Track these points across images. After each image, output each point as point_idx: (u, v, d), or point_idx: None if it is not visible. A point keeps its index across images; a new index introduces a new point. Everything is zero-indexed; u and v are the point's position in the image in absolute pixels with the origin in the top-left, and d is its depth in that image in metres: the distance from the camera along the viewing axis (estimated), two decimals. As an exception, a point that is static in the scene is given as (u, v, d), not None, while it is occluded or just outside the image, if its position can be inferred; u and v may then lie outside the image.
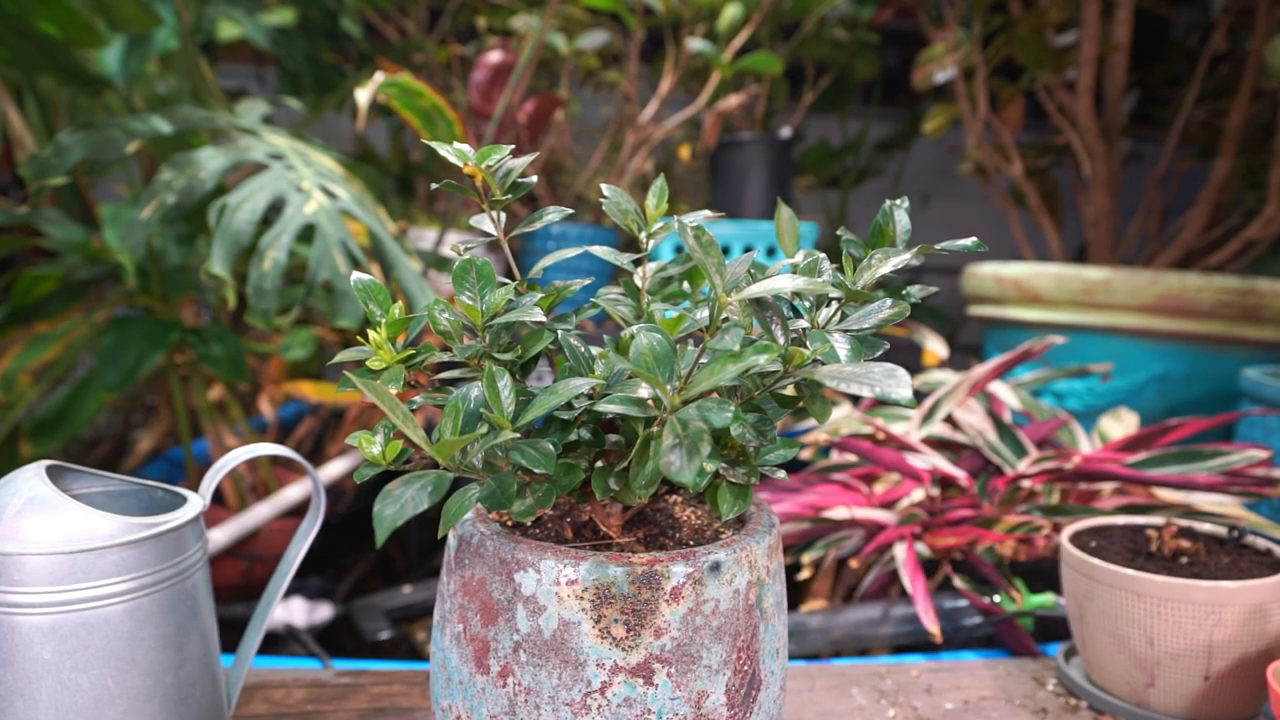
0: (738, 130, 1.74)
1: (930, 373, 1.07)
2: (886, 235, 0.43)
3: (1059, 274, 1.32)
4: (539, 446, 0.37)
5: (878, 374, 0.34)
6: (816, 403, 0.39)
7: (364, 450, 0.38)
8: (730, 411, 0.33)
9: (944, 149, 2.34)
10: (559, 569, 0.38)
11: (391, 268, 0.95)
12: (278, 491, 1.08)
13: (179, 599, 0.47)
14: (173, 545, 0.47)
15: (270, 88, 1.77)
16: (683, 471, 0.32)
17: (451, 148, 0.42)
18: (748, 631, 0.40)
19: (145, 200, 0.86)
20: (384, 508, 0.34)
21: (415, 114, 1.20)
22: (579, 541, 0.43)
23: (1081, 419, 1.25)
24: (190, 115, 0.97)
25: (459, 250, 0.44)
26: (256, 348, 1.30)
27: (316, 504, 0.54)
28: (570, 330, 0.43)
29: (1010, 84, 1.68)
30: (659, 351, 0.36)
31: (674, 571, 0.38)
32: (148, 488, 0.52)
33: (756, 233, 1.30)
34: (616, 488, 0.41)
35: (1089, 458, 0.84)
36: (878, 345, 0.40)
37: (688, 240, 0.36)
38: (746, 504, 0.41)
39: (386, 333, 0.41)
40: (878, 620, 0.75)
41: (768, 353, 0.32)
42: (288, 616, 0.91)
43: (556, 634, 0.38)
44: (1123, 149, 1.71)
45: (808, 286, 0.35)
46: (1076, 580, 0.62)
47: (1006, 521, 0.78)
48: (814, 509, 0.83)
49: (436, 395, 0.42)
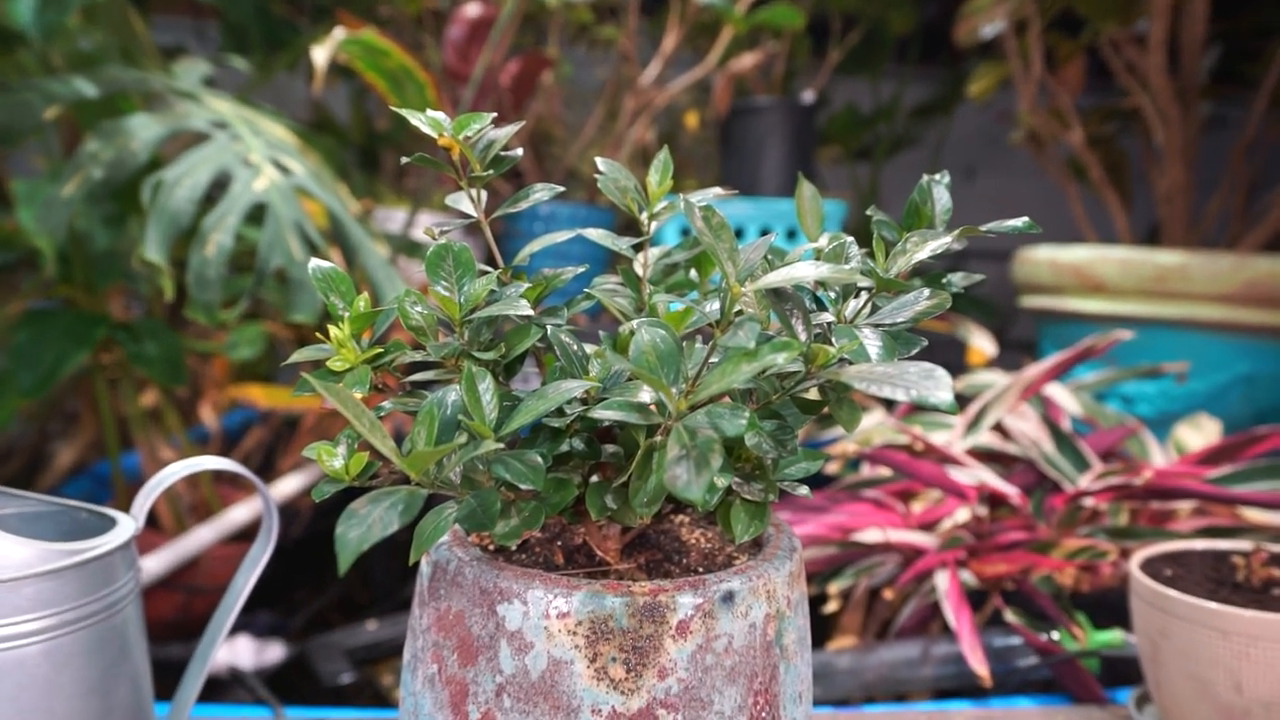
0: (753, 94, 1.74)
1: (976, 373, 1.07)
2: (924, 215, 0.43)
3: (1126, 258, 1.32)
4: (525, 459, 0.38)
5: (914, 375, 0.34)
6: (844, 408, 0.40)
7: (323, 464, 0.38)
8: (744, 418, 0.33)
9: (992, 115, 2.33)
10: (549, 600, 0.38)
11: (355, 253, 0.95)
12: (222, 512, 1.08)
13: (106, 638, 0.47)
14: (99, 575, 0.47)
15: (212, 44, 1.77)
16: (690, 487, 0.32)
17: (424, 115, 0.43)
18: (766, 672, 0.40)
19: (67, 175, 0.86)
20: (347, 530, 0.35)
21: (381, 76, 1.21)
22: (571, 568, 0.44)
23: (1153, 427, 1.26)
24: (119, 76, 0.97)
25: (433, 233, 0.44)
26: (197, 346, 1.30)
27: (268, 527, 0.55)
28: (561, 325, 0.43)
29: (1069, 38, 1.68)
30: (663, 350, 0.36)
31: (680, 603, 0.38)
32: (70, 508, 0.53)
33: (774, 213, 1.30)
34: (614, 506, 0.41)
35: (1162, 472, 0.84)
36: (914, 342, 0.40)
37: (695, 222, 0.36)
38: (764, 525, 0.41)
39: (350, 328, 0.41)
40: (917, 660, 0.75)
41: (787, 351, 0.33)
42: (233, 658, 0.91)
43: (546, 675, 0.38)
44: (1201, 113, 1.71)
45: (833, 275, 0.35)
46: (1149, 615, 0.62)
47: (1066, 546, 0.78)
48: (842, 531, 0.83)
49: (408, 400, 0.42)
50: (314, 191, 0.94)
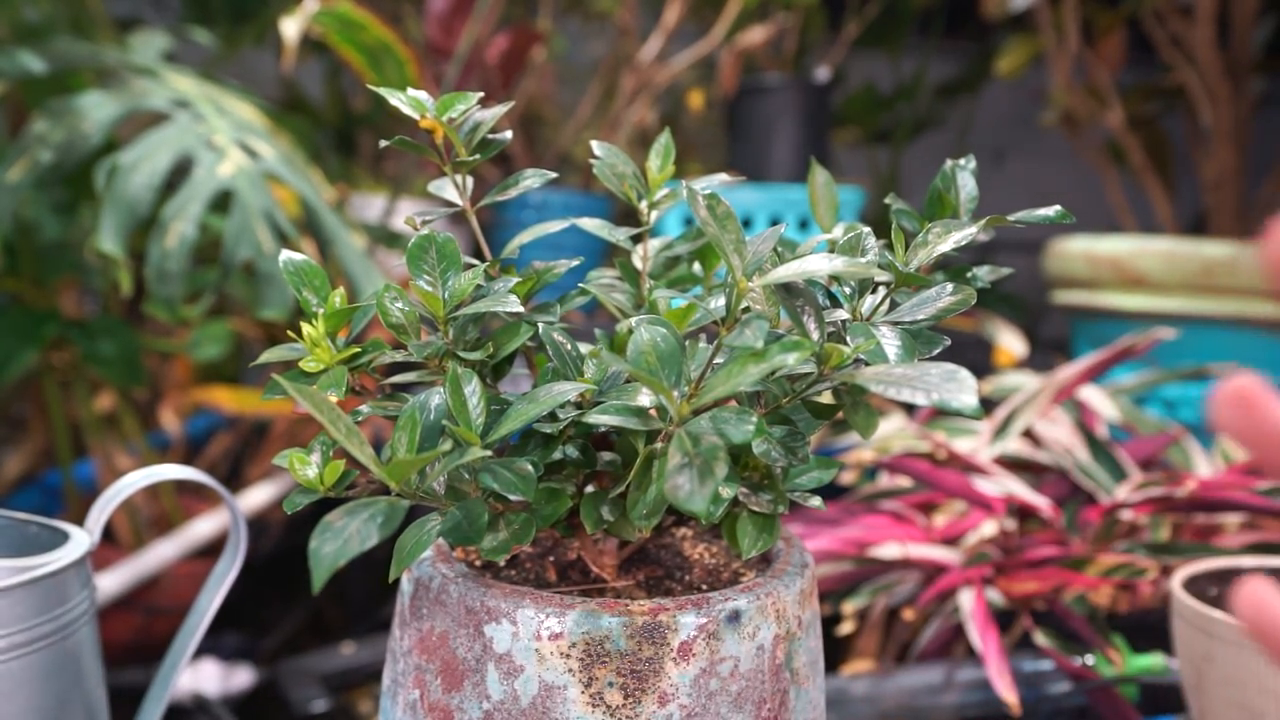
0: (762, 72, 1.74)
1: (1004, 375, 1.07)
2: (948, 203, 0.43)
3: (1170, 250, 1.32)
4: (515, 467, 0.38)
5: (936, 377, 0.34)
6: (860, 413, 0.40)
7: (296, 473, 0.39)
8: (752, 424, 0.34)
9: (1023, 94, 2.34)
10: (540, 620, 0.38)
11: (329, 244, 0.95)
12: (185, 526, 1.09)
13: (58, 662, 0.48)
14: (51, 594, 0.47)
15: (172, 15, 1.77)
16: (693, 498, 0.32)
17: (404, 95, 0.43)
18: (775, 699, 0.40)
19: (12, 158, 0.86)
20: (322, 544, 0.35)
21: (357, 51, 1.21)
22: (565, 586, 0.44)
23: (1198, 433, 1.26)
24: (70, 50, 0.97)
25: (415, 223, 0.45)
26: (157, 345, 1.30)
27: (235, 541, 0.55)
28: (554, 323, 0.44)
29: (1108, 9, 1.69)
30: (663, 349, 0.36)
31: (682, 623, 0.38)
32: (17, 522, 0.53)
33: (785, 201, 1.30)
34: (611, 518, 0.41)
35: (1208, 482, 0.84)
36: (936, 341, 0.40)
37: (699, 211, 0.36)
38: (773, 539, 0.41)
39: (324, 326, 0.41)
40: (939, 686, 0.75)
41: (798, 350, 0.33)
42: (197, 683, 0.91)
43: (537, 701, 0.38)
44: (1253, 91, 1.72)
45: (848, 268, 0.36)
46: (1193, 637, 0.63)
47: (1101, 562, 0.78)
48: (858, 545, 0.83)
49: (387, 404, 0.43)
50: (285, 177, 0.95)
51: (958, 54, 2.34)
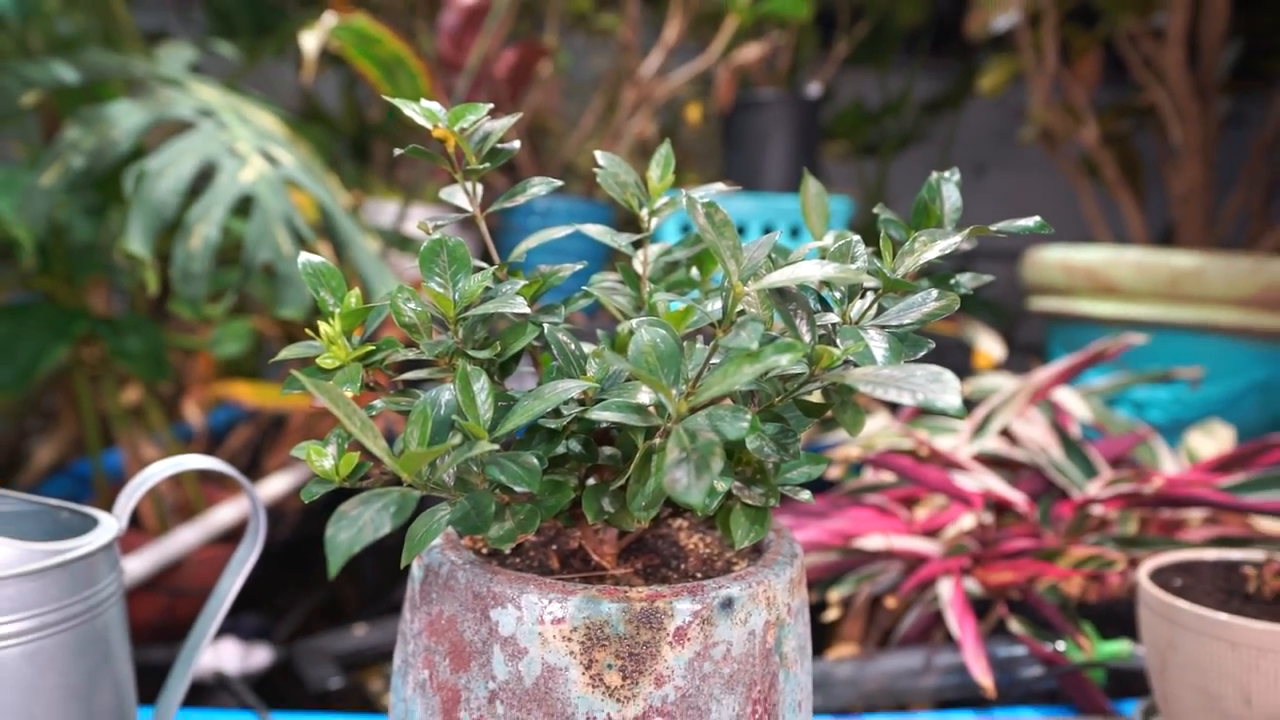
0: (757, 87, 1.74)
1: (983, 377, 1.07)
2: (933, 214, 0.43)
3: (1140, 260, 1.32)
4: (521, 460, 0.38)
5: (920, 378, 0.34)
6: (848, 411, 0.40)
7: (313, 464, 0.39)
8: (746, 421, 0.34)
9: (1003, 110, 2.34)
10: (543, 605, 0.38)
11: (345, 247, 0.95)
12: (207, 513, 1.08)
13: (88, 641, 0.48)
14: (81, 576, 0.47)
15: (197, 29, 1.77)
16: (690, 491, 0.32)
17: (417, 106, 0.43)
18: (765, 681, 0.40)
19: (46, 163, 0.86)
20: (338, 531, 0.35)
21: (373, 64, 1.21)
22: (567, 573, 0.44)
23: (1165, 433, 1.26)
24: (100, 61, 0.97)
25: (426, 228, 0.45)
26: (182, 341, 1.30)
27: (254, 528, 0.55)
28: (558, 324, 0.44)
29: (1085, 32, 1.69)
30: (662, 350, 0.36)
31: (678, 609, 0.38)
32: (51, 508, 0.53)
33: (778, 210, 1.30)
34: (611, 509, 0.41)
35: (1173, 480, 0.84)
36: (921, 344, 0.40)
37: (697, 218, 0.36)
38: (764, 530, 0.41)
39: (340, 325, 0.41)
40: (918, 670, 0.75)
41: (791, 352, 0.33)
42: (218, 662, 0.91)
43: (540, 681, 0.38)
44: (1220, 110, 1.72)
45: (838, 274, 0.36)
46: (1158, 625, 0.63)
47: (1073, 554, 0.79)
48: (844, 537, 0.84)
49: (400, 399, 0.43)
50: (303, 183, 0.94)
51: (942, 72, 2.34)
